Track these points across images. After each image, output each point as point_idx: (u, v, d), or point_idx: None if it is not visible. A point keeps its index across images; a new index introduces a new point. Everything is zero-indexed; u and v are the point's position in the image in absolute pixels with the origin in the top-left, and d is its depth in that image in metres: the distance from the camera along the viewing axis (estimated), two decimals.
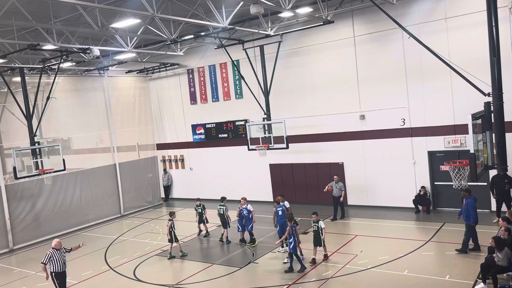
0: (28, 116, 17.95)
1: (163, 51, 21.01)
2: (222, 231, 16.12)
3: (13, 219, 18.69)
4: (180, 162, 25.05)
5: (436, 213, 17.06)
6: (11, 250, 18.39)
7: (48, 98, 18.19)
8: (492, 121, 9.40)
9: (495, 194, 14.72)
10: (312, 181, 20.06)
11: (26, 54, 18.31)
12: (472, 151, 8.98)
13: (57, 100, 19.82)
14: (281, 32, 18.47)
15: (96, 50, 16.17)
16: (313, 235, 12.94)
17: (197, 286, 12.40)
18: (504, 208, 14.34)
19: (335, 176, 17.57)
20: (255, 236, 15.48)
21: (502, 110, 9.32)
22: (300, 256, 12.74)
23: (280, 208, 14.34)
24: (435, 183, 17.30)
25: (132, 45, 18.01)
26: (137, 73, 24.62)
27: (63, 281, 11.21)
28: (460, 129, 15.84)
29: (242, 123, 21.47)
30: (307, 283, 11.66)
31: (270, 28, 18.36)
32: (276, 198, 15.04)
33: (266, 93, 18.68)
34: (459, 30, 15.81)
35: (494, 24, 9.15)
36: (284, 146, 17.45)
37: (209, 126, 23.21)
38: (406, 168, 17.60)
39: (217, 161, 23.29)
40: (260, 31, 18.33)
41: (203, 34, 18.55)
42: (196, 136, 23.85)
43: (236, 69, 20.71)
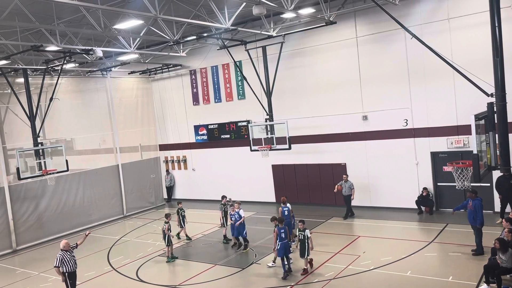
0: (31, 117, 18.02)
1: (165, 52, 21.05)
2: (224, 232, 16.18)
3: (16, 219, 18.75)
4: (182, 163, 25.07)
5: (439, 214, 17.01)
6: (14, 250, 18.45)
7: (51, 99, 18.27)
8: (495, 121, 9.36)
9: (500, 194, 14.67)
10: (314, 182, 20.05)
11: (30, 55, 18.40)
12: (475, 151, 8.93)
13: (60, 101, 19.91)
14: (283, 33, 18.50)
15: (99, 51, 16.21)
16: (299, 243, 12.35)
17: (199, 287, 12.41)
18: (508, 209, 14.30)
19: (344, 176, 17.67)
20: (249, 239, 15.22)
21: (505, 111, 9.27)
22: (286, 262, 12.48)
23: (286, 208, 14.47)
24: (438, 184, 17.25)
25: (135, 46, 18.06)
26: (139, 74, 24.67)
27: (75, 281, 11.31)
28: (463, 129, 15.78)
29: (245, 123, 21.47)
30: (310, 284, 11.65)
31: (272, 29, 18.39)
32: (282, 199, 15.08)
33: (269, 93, 18.69)
34: (462, 31, 15.78)
35: (497, 25, 9.10)
36: (286, 147, 17.45)
37: (211, 127, 23.23)
38: (409, 168, 17.56)
39: (219, 162, 23.30)
40: (262, 32, 18.35)
41: (205, 35, 18.57)
42: (198, 137, 23.87)
43: (238, 70, 20.72)
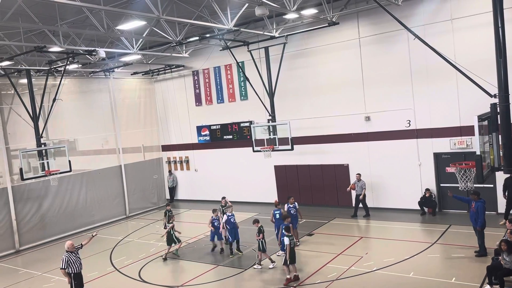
0: (35, 118, 18.10)
1: (168, 53, 21.07)
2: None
3: (19, 220, 18.80)
4: (185, 164, 25.09)
5: (442, 215, 16.95)
6: (17, 251, 18.49)
7: (54, 100, 18.35)
8: (499, 122, 9.32)
9: (505, 196, 14.62)
10: (317, 182, 20.03)
11: (33, 56, 18.48)
12: (478, 152, 8.89)
13: (63, 102, 19.93)
14: (286, 34, 18.49)
15: (102, 52, 16.26)
16: (289, 249, 11.83)
17: (202, 287, 12.41)
18: None
19: (357, 175, 17.76)
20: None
21: (508, 112, 9.23)
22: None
23: (277, 211, 14.43)
24: (441, 184, 17.20)
25: (138, 47, 18.10)
26: (142, 74, 24.72)
27: (80, 281, 11.33)
28: (466, 130, 15.75)
29: (247, 124, 21.46)
30: (313, 285, 11.64)
31: (275, 30, 18.40)
32: (275, 201, 15.14)
33: (271, 94, 18.69)
34: (465, 31, 15.74)
35: (500, 25, 9.06)
36: (289, 147, 17.45)
37: (214, 127, 23.24)
38: (412, 169, 17.53)
39: (222, 162, 23.31)
40: (265, 33, 18.35)
41: (208, 35, 18.59)
42: (201, 138, 23.89)
43: (241, 70, 20.73)
